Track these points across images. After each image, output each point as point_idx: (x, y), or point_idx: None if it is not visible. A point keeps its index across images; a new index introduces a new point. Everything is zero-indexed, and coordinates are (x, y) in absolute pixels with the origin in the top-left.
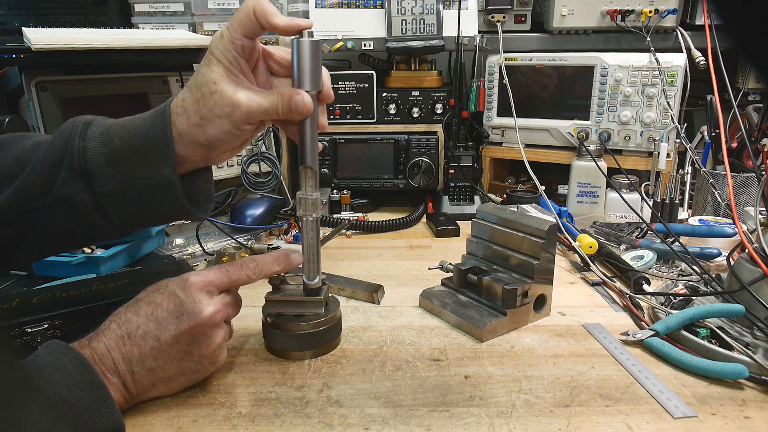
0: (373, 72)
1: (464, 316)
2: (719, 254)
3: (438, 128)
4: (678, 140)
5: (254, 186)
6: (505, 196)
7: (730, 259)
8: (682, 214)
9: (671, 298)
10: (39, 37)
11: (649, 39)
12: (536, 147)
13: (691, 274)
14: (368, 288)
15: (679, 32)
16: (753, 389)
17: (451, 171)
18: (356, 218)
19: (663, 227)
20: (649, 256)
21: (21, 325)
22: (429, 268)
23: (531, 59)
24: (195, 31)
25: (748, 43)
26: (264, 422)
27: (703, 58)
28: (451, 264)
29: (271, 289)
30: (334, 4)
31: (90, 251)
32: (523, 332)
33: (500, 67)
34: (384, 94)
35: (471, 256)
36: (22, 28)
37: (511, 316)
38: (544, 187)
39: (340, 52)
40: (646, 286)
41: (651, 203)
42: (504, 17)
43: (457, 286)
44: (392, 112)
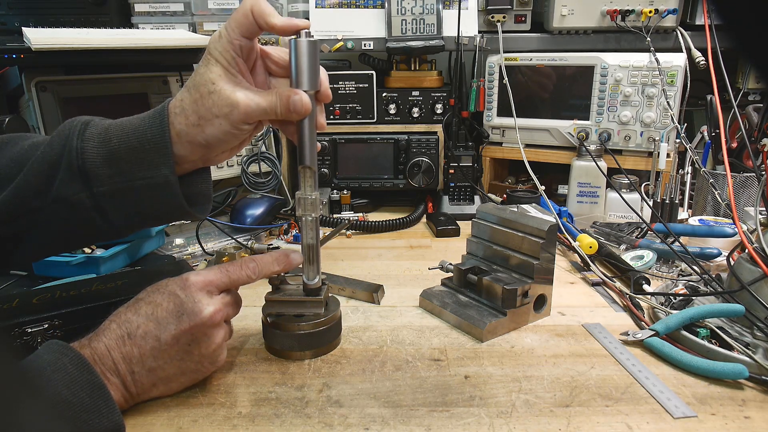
0: (373, 72)
1: (464, 316)
2: (719, 254)
3: (438, 128)
4: (678, 140)
5: (254, 186)
6: (505, 196)
7: (730, 259)
8: (682, 214)
9: (671, 298)
10: (39, 37)
11: (649, 39)
12: (536, 147)
13: (691, 274)
14: (368, 288)
15: (679, 32)
16: (753, 389)
17: (451, 171)
18: (356, 218)
19: (663, 227)
20: (649, 256)
21: (21, 325)
22: (429, 268)
23: (531, 59)
24: (195, 31)
25: (748, 43)
26: (264, 422)
27: (703, 58)
28: (451, 264)
29: (271, 289)
30: (334, 4)
31: (90, 251)
32: (523, 332)
33: (500, 67)
34: (384, 94)
35: (471, 256)
36: (22, 28)
37: (511, 316)
38: (544, 187)
39: (340, 52)
40: (646, 286)
41: (651, 203)
42: (504, 17)
43: (457, 286)
44: (392, 112)
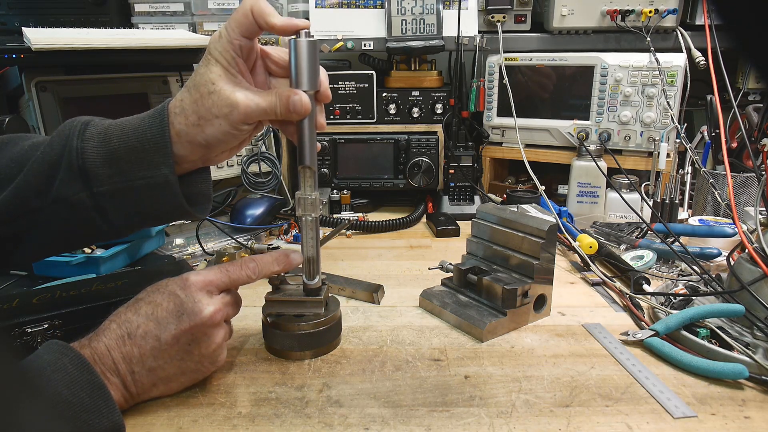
0: (373, 72)
1: (464, 316)
2: (719, 254)
3: (438, 128)
4: (678, 140)
5: (254, 186)
6: (505, 196)
7: (730, 259)
8: (682, 214)
9: (671, 298)
10: (39, 37)
11: (649, 39)
12: (536, 147)
13: (691, 274)
14: (368, 288)
15: (679, 32)
16: (753, 389)
17: (451, 171)
18: (356, 218)
19: (663, 227)
20: (649, 256)
21: (21, 325)
22: (429, 268)
23: (531, 59)
24: (195, 31)
25: (748, 43)
26: (264, 422)
27: (703, 58)
28: (451, 264)
29: (271, 289)
30: (334, 4)
31: (90, 251)
32: (523, 332)
33: (500, 67)
34: (384, 94)
35: (471, 256)
36: (22, 28)
37: (511, 316)
38: (544, 187)
39: (340, 52)
40: (646, 286)
41: (651, 203)
42: (504, 17)
43: (457, 286)
44: (392, 112)
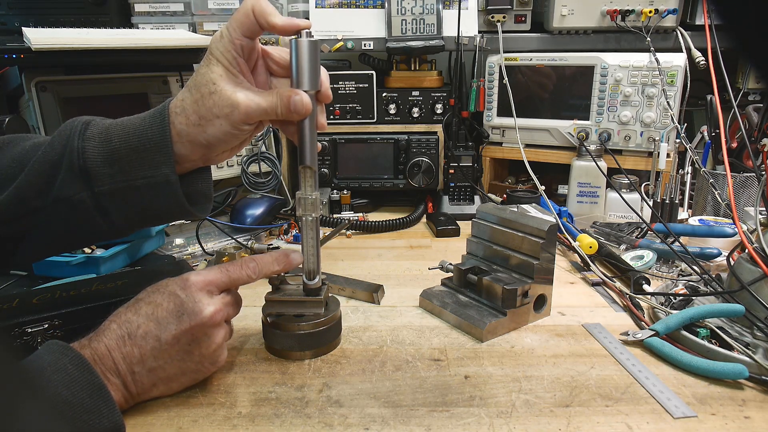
0: (373, 72)
1: (464, 316)
2: (719, 254)
3: (438, 128)
4: (678, 140)
5: (254, 186)
6: (505, 196)
7: (730, 259)
8: (682, 214)
9: (671, 298)
10: (39, 37)
11: (649, 39)
12: (536, 147)
13: (691, 274)
14: (368, 288)
15: (679, 32)
16: (753, 389)
17: (451, 171)
18: (356, 218)
19: (663, 227)
20: (649, 256)
21: (21, 325)
22: (429, 268)
23: (531, 59)
24: (195, 31)
25: (748, 43)
26: (264, 422)
27: (703, 58)
28: (451, 264)
29: (271, 289)
30: (334, 4)
31: (90, 251)
32: (523, 332)
33: (500, 67)
34: (384, 94)
35: (471, 256)
36: (22, 28)
37: (511, 316)
38: (544, 187)
39: (340, 52)
40: (646, 286)
41: (651, 203)
42: (504, 17)
43: (457, 286)
44: (392, 112)
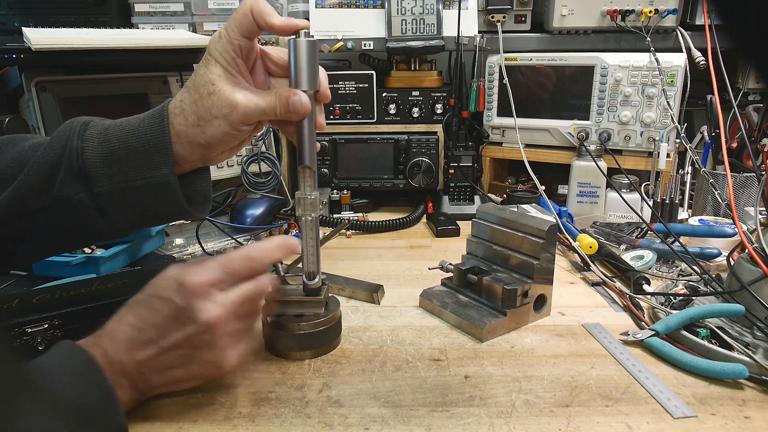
0: (373, 72)
1: (464, 316)
2: (719, 254)
3: (438, 128)
4: (678, 140)
5: (254, 186)
6: (505, 196)
7: (730, 259)
8: (682, 214)
9: (671, 298)
10: (39, 37)
11: (649, 39)
12: (536, 147)
13: (691, 274)
14: (368, 288)
15: (679, 32)
16: (753, 389)
17: (451, 171)
18: (356, 218)
19: (663, 227)
20: (649, 256)
21: (21, 325)
22: (429, 268)
23: (531, 59)
24: (195, 31)
25: (748, 43)
26: (264, 422)
27: (703, 58)
28: (451, 264)
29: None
30: (334, 4)
31: (90, 251)
32: (523, 332)
33: (500, 67)
34: (384, 94)
35: (471, 256)
36: (22, 28)
37: (511, 316)
38: (544, 187)
39: (340, 52)
40: (646, 286)
41: (651, 203)
42: (504, 17)
43: (457, 286)
44: (392, 112)
